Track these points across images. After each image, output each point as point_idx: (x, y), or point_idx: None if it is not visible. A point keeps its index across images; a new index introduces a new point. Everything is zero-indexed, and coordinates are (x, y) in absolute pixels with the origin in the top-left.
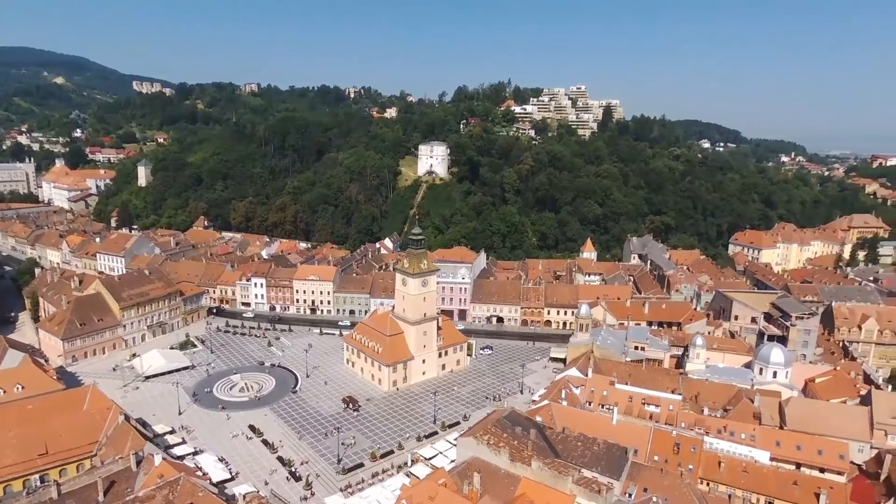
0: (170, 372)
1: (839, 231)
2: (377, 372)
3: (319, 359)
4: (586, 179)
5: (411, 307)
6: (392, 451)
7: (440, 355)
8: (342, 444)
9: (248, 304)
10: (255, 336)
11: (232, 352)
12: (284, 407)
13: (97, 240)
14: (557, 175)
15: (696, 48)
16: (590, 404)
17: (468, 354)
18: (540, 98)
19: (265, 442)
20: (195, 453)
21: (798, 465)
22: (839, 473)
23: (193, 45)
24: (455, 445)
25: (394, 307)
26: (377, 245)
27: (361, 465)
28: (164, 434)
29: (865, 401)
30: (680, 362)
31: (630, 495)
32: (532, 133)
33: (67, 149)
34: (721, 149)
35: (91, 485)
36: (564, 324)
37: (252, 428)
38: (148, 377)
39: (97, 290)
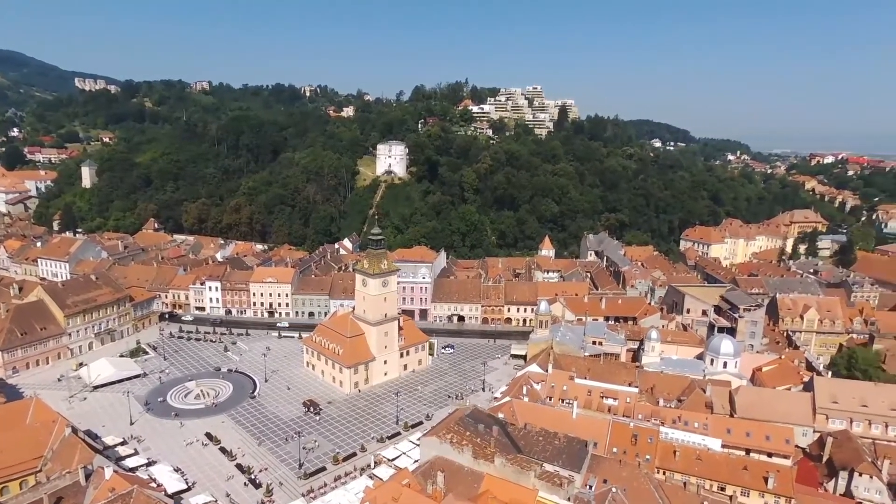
0: (120, 381)
1: (781, 226)
2: (338, 374)
3: (278, 362)
4: (543, 178)
5: (372, 308)
6: (354, 454)
7: (402, 355)
8: (303, 448)
9: (202, 309)
10: (211, 341)
11: (186, 358)
12: (243, 413)
13: (38, 244)
14: (515, 174)
15: (648, 51)
16: (550, 399)
17: (430, 354)
18: (497, 98)
19: (223, 449)
20: (149, 464)
21: (748, 451)
22: (785, 457)
23: (140, 40)
24: (418, 445)
25: (354, 308)
26: (336, 246)
27: (324, 468)
28: (115, 446)
29: (808, 387)
30: (636, 356)
31: (590, 487)
32: (490, 132)
33: (3, 149)
34: (671, 148)
35: (36, 502)
36: (524, 321)
37: (209, 436)
38: (96, 387)
39: (39, 297)
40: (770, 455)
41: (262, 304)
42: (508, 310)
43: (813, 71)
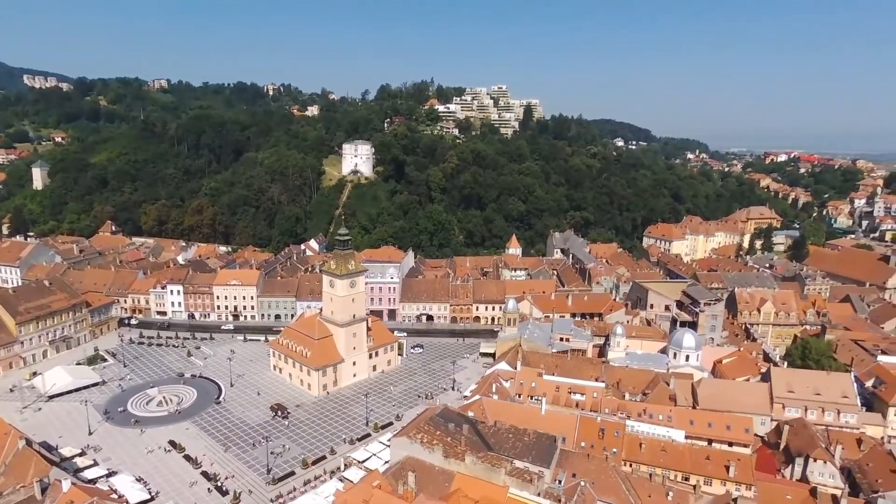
0: (77, 390)
1: (739, 222)
2: (306, 377)
3: (244, 366)
4: (510, 177)
5: (339, 309)
6: (324, 457)
7: (371, 356)
8: (271, 453)
9: (163, 314)
10: (174, 346)
11: (148, 364)
12: (208, 419)
13: None
14: (482, 173)
15: (610, 52)
16: (519, 396)
17: (399, 354)
18: (463, 97)
19: (188, 457)
20: (109, 475)
21: (710, 441)
22: (745, 446)
23: (94, 36)
24: (388, 446)
25: (321, 309)
26: (302, 247)
27: (293, 473)
28: (73, 457)
29: (765, 378)
30: (602, 351)
31: (560, 482)
32: (456, 132)
33: None
34: (634, 147)
35: None
36: (493, 319)
37: (173, 443)
38: (52, 396)
39: None
40: (731, 444)
41: (226, 307)
42: (477, 308)
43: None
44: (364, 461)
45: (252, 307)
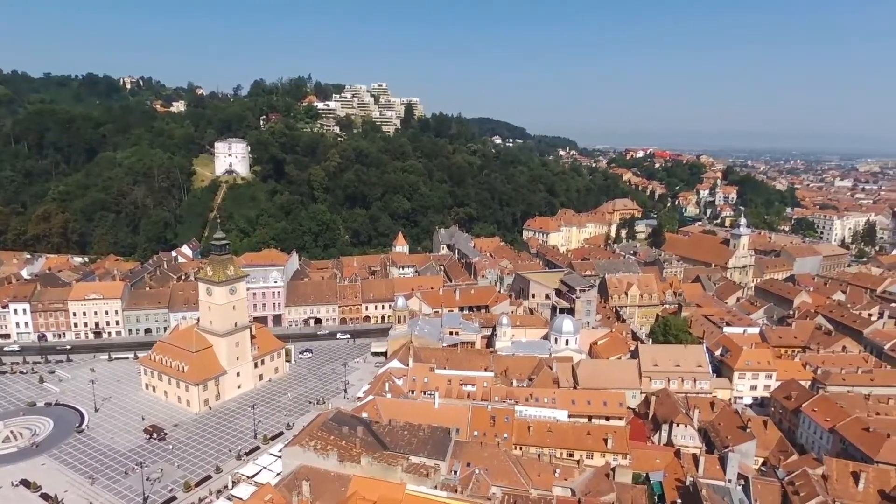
0: None
1: (606, 214)
2: (184, 393)
3: (110, 388)
4: (393, 175)
5: (219, 318)
6: (209, 477)
7: (256, 365)
8: (147, 479)
9: (6, 336)
10: (22, 373)
11: None
12: (69, 451)
13: None
14: (365, 171)
15: (486, 53)
16: (413, 393)
17: (287, 360)
18: (343, 94)
19: (45, 496)
20: None
21: (589, 418)
22: (620, 419)
23: None
24: (280, 457)
25: (199, 320)
26: (174, 253)
27: (174, 498)
28: None
29: (634, 355)
30: (490, 341)
31: (455, 472)
32: (337, 130)
33: None
34: (511, 144)
35: None
36: (383, 318)
37: (26, 483)
38: None
39: None
40: (608, 419)
41: (85, 324)
42: (366, 308)
43: (625, 75)
44: (254, 476)
45: (117, 322)
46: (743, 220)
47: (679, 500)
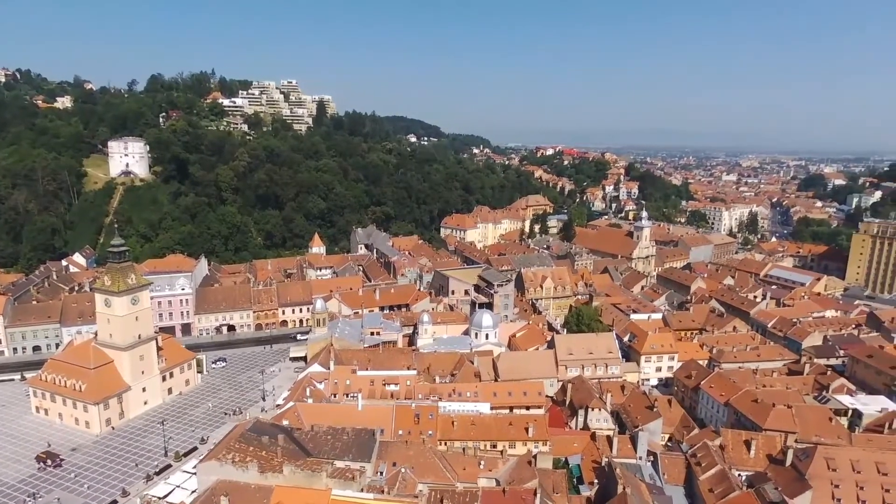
0: None
1: (520, 209)
2: (82, 414)
3: None
4: (307, 174)
5: (120, 330)
6: (115, 502)
7: (164, 379)
8: None
9: None
10: None
11: None
12: None
13: None
14: (277, 171)
15: (397, 51)
16: (335, 396)
17: (199, 371)
18: (250, 91)
19: None
20: None
21: (511, 409)
22: (539, 407)
23: None
24: (195, 474)
25: (97, 334)
26: (64, 262)
27: None
28: None
29: (551, 345)
30: (412, 339)
31: (381, 473)
32: (245, 128)
33: None
34: (426, 142)
35: None
36: (301, 321)
37: None
38: None
39: None
40: (528, 408)
41: None
42: (283, 312)
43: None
44: (166, 496)
45: None
46: (644, 214)
47: (595, 481)
